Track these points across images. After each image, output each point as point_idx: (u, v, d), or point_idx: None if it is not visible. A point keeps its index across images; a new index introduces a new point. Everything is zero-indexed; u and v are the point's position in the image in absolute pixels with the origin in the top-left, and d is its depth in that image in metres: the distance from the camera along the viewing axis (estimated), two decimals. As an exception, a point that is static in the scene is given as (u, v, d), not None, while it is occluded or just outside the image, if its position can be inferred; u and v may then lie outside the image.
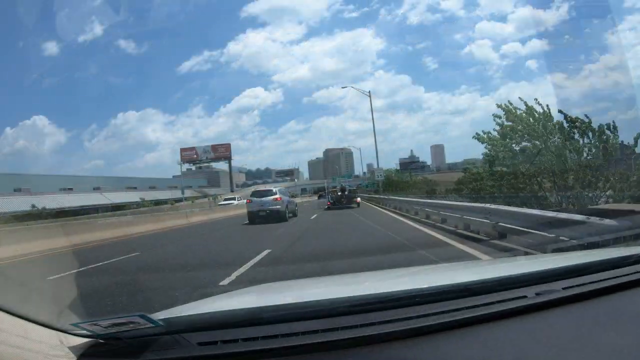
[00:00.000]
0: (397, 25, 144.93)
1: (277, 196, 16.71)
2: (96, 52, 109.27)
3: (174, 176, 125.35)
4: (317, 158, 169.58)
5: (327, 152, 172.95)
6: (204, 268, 6.55)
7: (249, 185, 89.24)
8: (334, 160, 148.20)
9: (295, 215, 18.69)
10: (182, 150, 70.12)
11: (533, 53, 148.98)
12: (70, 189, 45.18)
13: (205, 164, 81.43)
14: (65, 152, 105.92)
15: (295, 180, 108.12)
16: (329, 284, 2.24)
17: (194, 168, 78.11)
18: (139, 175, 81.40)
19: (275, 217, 15.91)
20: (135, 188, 65.11)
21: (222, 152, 71.83)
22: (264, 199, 16.70)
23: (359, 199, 28.20)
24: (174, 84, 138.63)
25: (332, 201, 26.99)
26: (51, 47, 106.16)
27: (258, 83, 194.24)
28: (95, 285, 5.50)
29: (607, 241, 3.81)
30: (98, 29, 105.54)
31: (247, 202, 18.08)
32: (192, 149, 71.03)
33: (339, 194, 27.69)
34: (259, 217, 16.01)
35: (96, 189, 54.63)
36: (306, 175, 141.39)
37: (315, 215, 20.01)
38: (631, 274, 1.48)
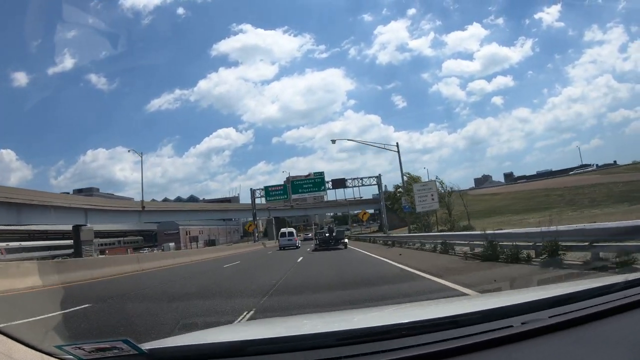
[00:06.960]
0: (367, 65, 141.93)
1: None
2: (66, 86, 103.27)
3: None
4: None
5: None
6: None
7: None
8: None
9: None
10: None
11: (499, 89, 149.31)
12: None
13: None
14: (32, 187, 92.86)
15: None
16: (317, 320, 2.28)
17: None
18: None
19: None
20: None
21: None
22: None
23: (346, 240, 27.40)
24: (143, 122, 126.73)
25: (319, 242, 26.78)
26: (20, 78, 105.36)
27: (228, 123, 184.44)
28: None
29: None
30: (69, 62, 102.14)
31: None
32: None
33: (327, 235, 26.88)
34: None
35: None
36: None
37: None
38: (616, 300, 1.50)
